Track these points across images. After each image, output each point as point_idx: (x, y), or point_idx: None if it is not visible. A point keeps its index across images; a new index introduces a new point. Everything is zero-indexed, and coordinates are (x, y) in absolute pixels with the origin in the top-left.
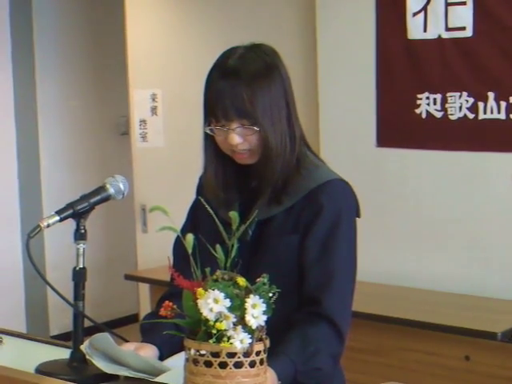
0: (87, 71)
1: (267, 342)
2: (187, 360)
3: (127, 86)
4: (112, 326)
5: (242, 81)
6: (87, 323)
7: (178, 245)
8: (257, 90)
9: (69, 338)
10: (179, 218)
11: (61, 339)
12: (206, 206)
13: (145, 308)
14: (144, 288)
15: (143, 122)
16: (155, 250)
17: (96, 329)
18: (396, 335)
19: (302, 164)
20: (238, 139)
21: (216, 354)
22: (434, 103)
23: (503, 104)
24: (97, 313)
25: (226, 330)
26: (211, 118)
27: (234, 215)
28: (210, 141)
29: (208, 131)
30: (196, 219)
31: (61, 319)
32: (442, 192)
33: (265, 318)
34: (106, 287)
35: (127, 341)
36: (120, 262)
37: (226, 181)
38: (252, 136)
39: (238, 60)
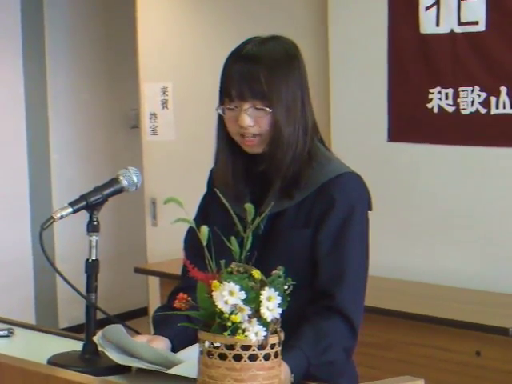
0: (98, 64)
1: (282, 335)
2: (201, 352)
3: (138, 80)
4: (121, 319)
5: (262, 65)
6: (99, 315)
7: (191, 237)
8: (275, 76)
9: (78, 331)
10: (190, 212)
11: (70, 332)
12: (222, 198)
13: (154, 301)
14: (153, 281)
15: (154, 115)
16: (165, 244)
17: (108, 321)
18: (406, 330)
19: (314, 157)
20: (249, 121)
21: (231, 347)
22: (446, 98)
23: None
24: (106, 306)
25: (240, 323)
26: (225, 98)
27: (249, 207)
28: (223, 127)
29: (219, 111)
30: (207, 212)
31: (70, 312)
32: (453, 187)
33: (280, 310)
34: (115, 280)
35: (139, 333)
36: (130, 255)
37: (235, 170)
38: (263, 118)
39: (258, 46)
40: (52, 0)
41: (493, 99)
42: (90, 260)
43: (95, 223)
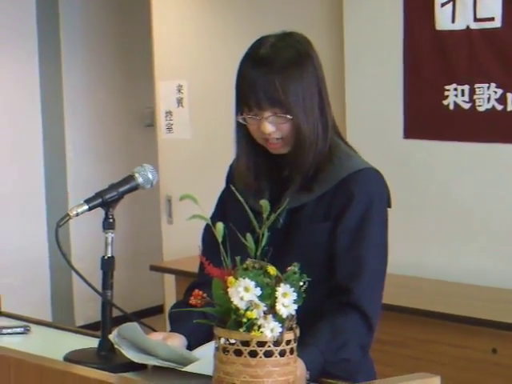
0: (113, 63)
1: (297, 331)
2: (217, 349)
3: (153, 78)
4: (137, 316)
5: (274, 69)
6: (115, 313)
7: (208, 234)
8: (289, 78)
9: (94, 329)
10: (205, 209)
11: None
12: (237, 194)
13: (170, 299)
14: (169, 279)
15: (169, 113)
16: (180, 241)
17: (124, 318)
18: (423, 327)
19: (334, 153)
20: (271, 128)
21: (246, 343)
22: (462, 94)
23: None
24: (122, 303)
25: (256, 319)
26: (244, 107)
27: (264, 203)
28: (242, 130)
29: (240, 120)
30: (225, 208)
31: (86, 310)
32: (469, 184)
33: (295, 306)
34: (131, 278)
35: (155, 330)
36: (145, 253)
37: (257, 170)
38: (285, 124)
39: (269, 49)
40: None
41: (509, 96)
42: (105, 257)
43: (111, 220)
